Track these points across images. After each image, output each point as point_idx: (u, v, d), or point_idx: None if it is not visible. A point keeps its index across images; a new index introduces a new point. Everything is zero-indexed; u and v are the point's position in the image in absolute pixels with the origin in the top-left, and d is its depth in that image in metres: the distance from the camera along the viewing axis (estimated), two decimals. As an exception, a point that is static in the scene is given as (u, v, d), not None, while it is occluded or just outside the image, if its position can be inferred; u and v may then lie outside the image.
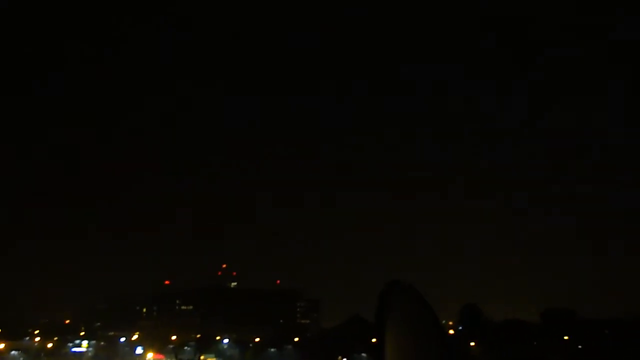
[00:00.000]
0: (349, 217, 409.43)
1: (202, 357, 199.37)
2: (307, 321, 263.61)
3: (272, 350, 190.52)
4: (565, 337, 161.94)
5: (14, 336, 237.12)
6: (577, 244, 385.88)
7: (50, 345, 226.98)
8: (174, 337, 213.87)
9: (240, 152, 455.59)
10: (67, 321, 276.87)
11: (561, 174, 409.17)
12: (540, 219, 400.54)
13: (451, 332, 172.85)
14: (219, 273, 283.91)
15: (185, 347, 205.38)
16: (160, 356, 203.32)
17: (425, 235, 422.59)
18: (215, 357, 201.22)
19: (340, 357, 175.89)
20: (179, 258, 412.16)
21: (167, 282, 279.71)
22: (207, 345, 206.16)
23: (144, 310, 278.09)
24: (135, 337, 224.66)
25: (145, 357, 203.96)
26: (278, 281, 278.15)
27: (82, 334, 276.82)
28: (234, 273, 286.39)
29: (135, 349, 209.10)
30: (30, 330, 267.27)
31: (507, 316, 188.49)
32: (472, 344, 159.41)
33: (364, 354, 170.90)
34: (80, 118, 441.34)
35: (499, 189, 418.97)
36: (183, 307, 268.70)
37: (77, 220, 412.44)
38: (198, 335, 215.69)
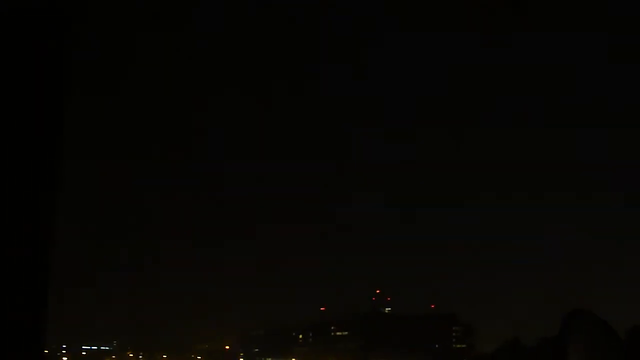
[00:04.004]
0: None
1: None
2: (463, 346, 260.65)
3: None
4: None
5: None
6: None
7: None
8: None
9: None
10: (227, 347, 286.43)
11: None
12: None
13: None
14: (373, 299, 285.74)
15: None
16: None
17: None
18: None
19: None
20: (333, 285, 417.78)
21: (322, 308, 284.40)
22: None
23: (300, 336, 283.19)
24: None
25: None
26: (433, 305, 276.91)
27: (240, 359, 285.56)
28: (388, 298, 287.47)
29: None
30: (192, 356, 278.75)
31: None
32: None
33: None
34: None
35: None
36: (338, 333, 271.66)
37: (234, 252, 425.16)
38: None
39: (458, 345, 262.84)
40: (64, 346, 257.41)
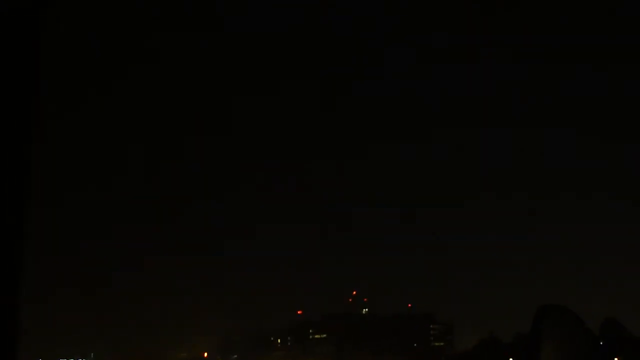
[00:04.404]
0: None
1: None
2: (442, 344, 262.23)
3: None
4: None
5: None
6: None
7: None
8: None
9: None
10: (205, 354, 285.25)
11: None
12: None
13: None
14: (350, 300, 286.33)
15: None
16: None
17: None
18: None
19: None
20: (309, 288, 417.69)
21: (299, 312, 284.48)
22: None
23: (278, 340, 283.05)
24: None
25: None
26: (409, 304, 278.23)
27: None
28: (365, 299, 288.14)
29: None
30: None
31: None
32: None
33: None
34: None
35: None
36: (317, 336, 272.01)
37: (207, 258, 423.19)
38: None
39: (437, 344, 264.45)
40: (40, 359, 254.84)
